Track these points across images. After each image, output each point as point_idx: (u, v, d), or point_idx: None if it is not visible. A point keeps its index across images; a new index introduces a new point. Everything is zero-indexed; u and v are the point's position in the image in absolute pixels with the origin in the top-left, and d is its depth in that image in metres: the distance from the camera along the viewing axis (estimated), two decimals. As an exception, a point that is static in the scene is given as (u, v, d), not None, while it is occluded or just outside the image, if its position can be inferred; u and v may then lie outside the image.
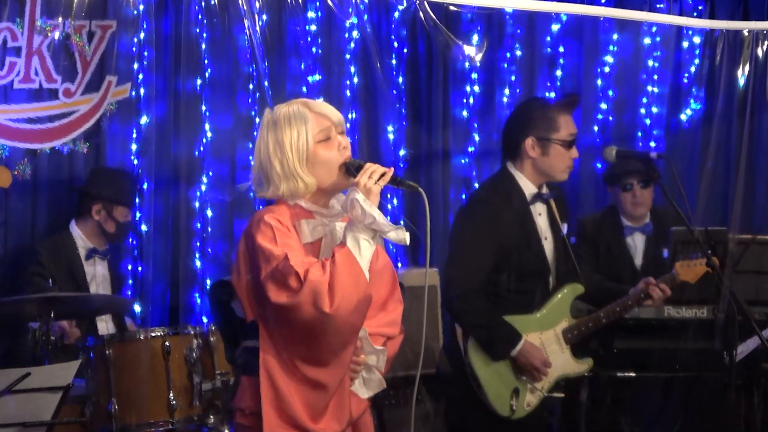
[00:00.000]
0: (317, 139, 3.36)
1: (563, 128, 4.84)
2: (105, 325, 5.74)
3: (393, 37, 6.69)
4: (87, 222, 5.81)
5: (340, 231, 3.41)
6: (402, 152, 6.73)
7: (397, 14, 6.66)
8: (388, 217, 3.39)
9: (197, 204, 6.15)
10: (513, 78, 6.94)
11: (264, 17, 6.16)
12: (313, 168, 3.37)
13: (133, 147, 6.09)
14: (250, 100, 6.26)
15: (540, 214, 4.89)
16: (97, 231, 5.81)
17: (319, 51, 6.45)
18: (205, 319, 6.03)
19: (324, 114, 3.40)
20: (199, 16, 6.09)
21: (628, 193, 6.01)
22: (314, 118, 3.38)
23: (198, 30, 6.10)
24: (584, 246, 6.00)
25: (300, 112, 3.39)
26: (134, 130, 6.09)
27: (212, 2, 6.10)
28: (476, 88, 6.88)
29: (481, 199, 4.92)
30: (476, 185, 6.71)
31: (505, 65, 6.95)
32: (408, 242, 3.30)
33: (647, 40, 7.09)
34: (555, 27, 7.02)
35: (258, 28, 6.07)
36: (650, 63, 7.11)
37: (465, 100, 6.87)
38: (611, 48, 7.08)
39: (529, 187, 4.86)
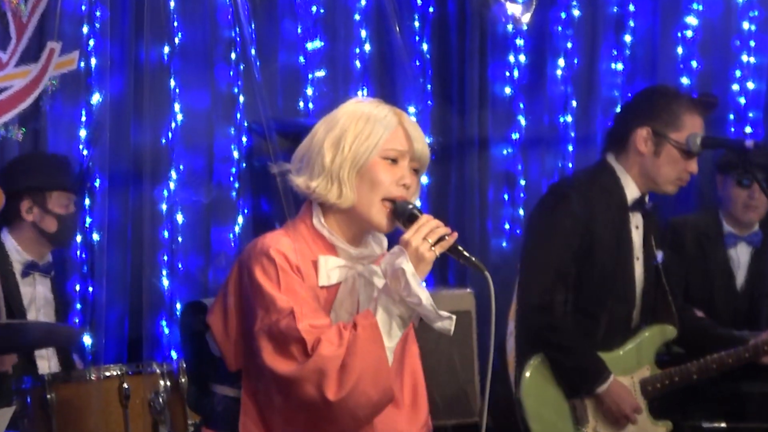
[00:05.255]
0: (384, 154, 3.36)
1: (686, 129, 4.81)
2: (47, 363, 5.73)
3: (415, -8, 6.72)
4: (21, 228, 5.75)
5: (368, 276, 3.34)
6: (427, 140, 6.70)
7: (420, -37, 6.70)
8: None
9: (164, 206, 6.15)
10: (569, 45, 6.96)
11: (250, -33, 6.18)
12: (360, 181, 3.34)
13: (82, 133, 6.08)
14: (232, 73, 6.27)
15: (636, 228, 4.87)
16: (35, 236, 5.75)
17: (321, 10, 6.47)
18: (174, 354, 6.02)
19: (408, 137, 3.43)
20: (167, -34, 6.12)
21: (744, 191, 5.93)
22: (397, 131, 3.41)
23: (165, -17, 6.13)
24: (670, 255, 5.96)
25: (387, 117, 3.41)
26: (83, 112, 6.08)
27: (183, -52, 6.15)
28: (522, 58, 6.90)
29: (574, 187, 4.91)
30: (522, 182, 6.71)
31: (560, 28, 6.97)
32: (452, 332, 3.21)
33: (742, -4, 7.09)
34: (623, -21, 7.03)
35: (242, -19, 6.08)
36: (745, 26, 7.10)
37: (507, 74, 6.89)
38: (695, 6, 7.07)
39: (632, 190, 4.86)
